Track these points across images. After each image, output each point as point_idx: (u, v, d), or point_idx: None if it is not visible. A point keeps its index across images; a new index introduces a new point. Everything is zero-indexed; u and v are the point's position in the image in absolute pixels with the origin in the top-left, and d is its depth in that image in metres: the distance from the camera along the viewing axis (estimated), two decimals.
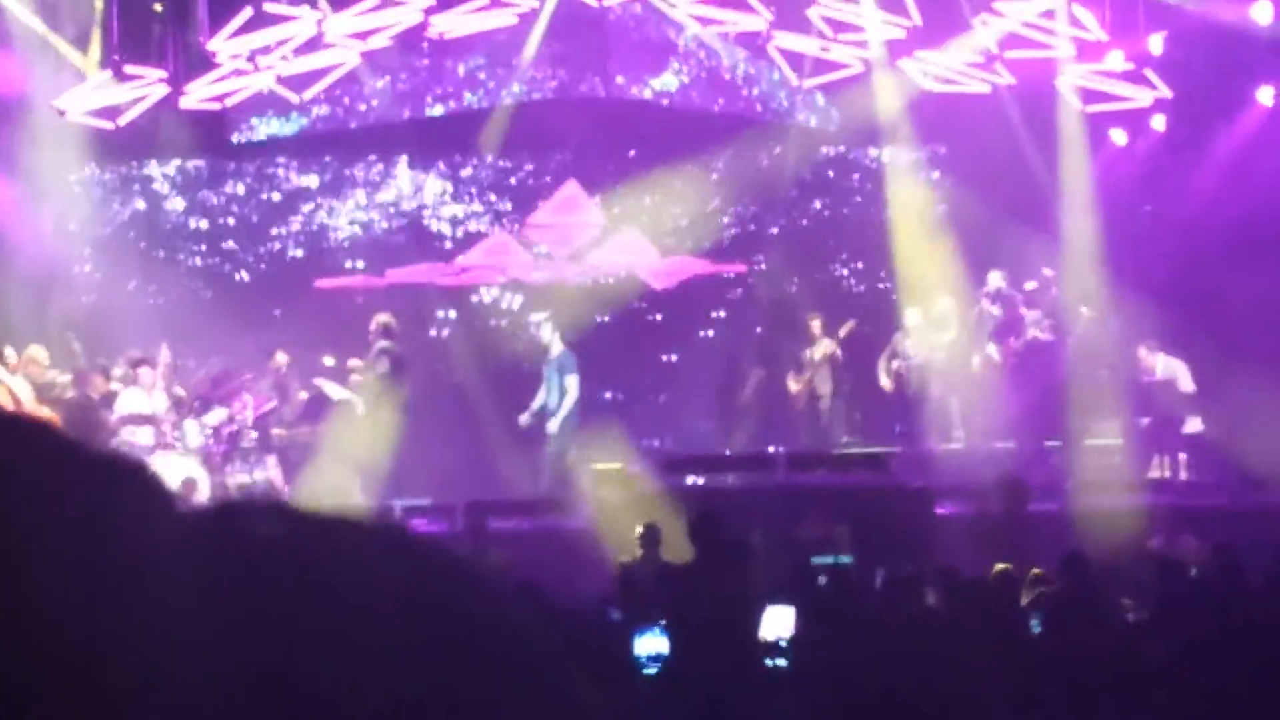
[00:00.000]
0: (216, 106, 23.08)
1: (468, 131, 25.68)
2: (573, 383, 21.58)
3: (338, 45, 22.29)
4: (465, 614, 1.41)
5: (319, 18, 21.60)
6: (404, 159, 26.46)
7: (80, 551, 1.25)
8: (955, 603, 11.66)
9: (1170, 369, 21.41)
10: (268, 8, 21.45)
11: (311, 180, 26.43)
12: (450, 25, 22.56)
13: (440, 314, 26.03)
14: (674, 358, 26.15)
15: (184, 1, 22.08)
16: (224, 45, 21.84)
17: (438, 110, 26.10)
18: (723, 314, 26.15)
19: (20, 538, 1.23)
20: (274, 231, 26.31)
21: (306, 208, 26.40)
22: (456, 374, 25.17)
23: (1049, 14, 22.01)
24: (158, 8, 22.20)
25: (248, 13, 21.42)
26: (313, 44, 22.14)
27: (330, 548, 1.40)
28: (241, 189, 26.32)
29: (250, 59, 22.22)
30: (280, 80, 22.86)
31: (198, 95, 22.41)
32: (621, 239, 25.84)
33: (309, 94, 23.54)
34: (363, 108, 25.59)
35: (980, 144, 23.47)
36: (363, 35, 22.31)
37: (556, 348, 21.80)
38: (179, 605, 1.28)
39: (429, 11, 21.91)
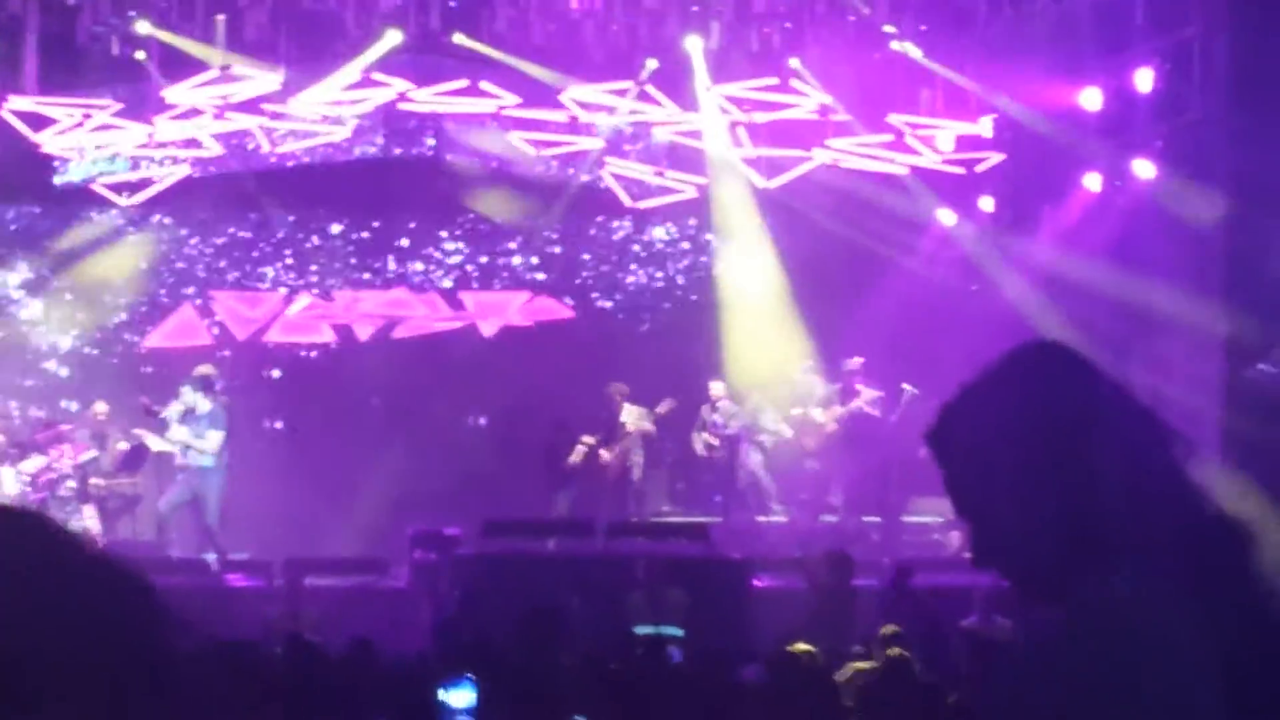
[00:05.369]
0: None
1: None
2: (215, 438, 20.73)
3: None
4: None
5: (150, 130, 21.37)
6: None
7: None
8: (776, 676, 11.62)
9: None
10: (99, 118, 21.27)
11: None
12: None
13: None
14: (483, 420, 25.99)
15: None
16: (53, 140, 21.58)
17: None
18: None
19: None
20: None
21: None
22: (286, 424, 25.08)
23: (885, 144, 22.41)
24: None
25: (78, 115, 21.23)
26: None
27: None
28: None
29: (79, 152, 22.09)
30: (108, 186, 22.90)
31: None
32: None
33: (137, 199, 23.25)
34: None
35: (808, 226, 23.78)
36: (196, 143, 22.15)
37: (204, 405, 20.84)
38: None
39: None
